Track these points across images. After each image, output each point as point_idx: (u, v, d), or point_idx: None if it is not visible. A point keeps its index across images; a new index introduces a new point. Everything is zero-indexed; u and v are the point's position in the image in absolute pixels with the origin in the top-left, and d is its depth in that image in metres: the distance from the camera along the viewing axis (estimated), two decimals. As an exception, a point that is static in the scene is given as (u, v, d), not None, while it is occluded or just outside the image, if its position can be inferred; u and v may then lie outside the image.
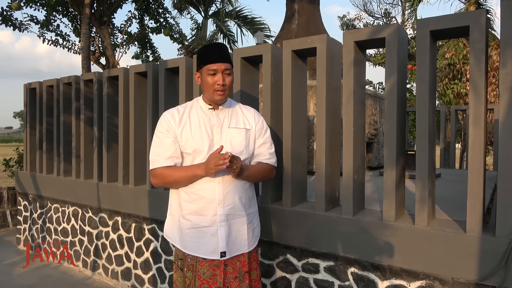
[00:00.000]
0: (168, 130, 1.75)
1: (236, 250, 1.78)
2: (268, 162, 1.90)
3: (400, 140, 2.05)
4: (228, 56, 1.73)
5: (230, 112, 1.84)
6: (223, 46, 1.76)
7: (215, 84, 1.70)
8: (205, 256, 1.72)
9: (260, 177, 1.91)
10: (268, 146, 1.91)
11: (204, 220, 1.73)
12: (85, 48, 5.89)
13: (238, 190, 1.79)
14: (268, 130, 1.93)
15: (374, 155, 4.80)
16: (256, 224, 1.91)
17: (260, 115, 1.95)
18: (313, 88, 4.05)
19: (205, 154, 1.72)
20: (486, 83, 1.78)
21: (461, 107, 7.03)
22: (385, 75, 2.04)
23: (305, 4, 5.01)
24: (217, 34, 11.94)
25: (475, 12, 1.75)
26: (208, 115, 1.80)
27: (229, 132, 1.79)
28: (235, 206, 1.77)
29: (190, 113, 1.80)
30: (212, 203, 1.73)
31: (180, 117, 1.77)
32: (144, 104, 3.29)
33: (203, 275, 1.72)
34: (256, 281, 1.86)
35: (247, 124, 1.85)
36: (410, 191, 2.90)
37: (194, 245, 1.74)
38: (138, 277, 3.26)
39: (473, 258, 1.72)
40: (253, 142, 1.86)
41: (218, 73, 1.70)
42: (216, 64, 1.69)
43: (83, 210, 3.80)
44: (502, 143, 1.68)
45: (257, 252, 1.91)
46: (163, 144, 1.75)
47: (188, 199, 1.76)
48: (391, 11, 23.20)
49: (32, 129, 4.61)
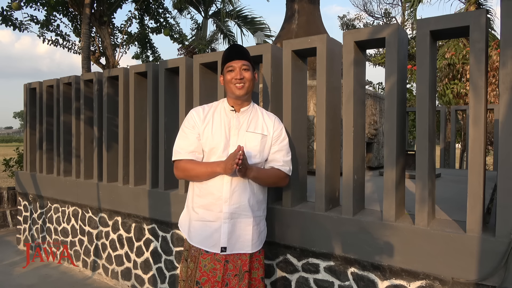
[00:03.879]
0: (194, 126, 1.85)
1: (238, 248, 1.83)
2: (281, 168, 1.94)
3: (400, 140, 2.05)
4: (245, 54, 1.85)
5: (251, 116, 1.91)
6: (240, 46, 1.89)
7: (232, 79, 1.81)
8: (207, 249, 1.81)
9: (270, 182, 1.94)
10: (284, 154, 1.95)
11: (210, 215, 1.82)
12: (85, 48, 5.89)
13: (247, 191, 1.85)
14: (287, 139, 1.98)
15: (374, 155, 4.80)
16: (263, 227, 1.96)
17: (281, 123, 2.00)
18: (313, 88, 4.05)
19: (220, 153, 1.81)
20: (486, 83, 1.78)
21: (461, 107, 7.03)
22: (385, 75, 2.04)
23: (305, 4, 5.01)
24: (217, 34, 11.92)
25: (475, 12, 1.75)
26: (229, 116, 1.89)
27: (245, 135, 1.86)
28: (241, 206, 1.83)
29: (214, 113, 1.90)
30: (219, 200, 1.81)
31: (205, 116, 1.87)
32: (144, 104, 3.29)
33: (204, 267, 1.79)
34: (257, 281, 1.89)
35: (265, 130, 1.91)
36: (410, 191, 2.90)
37: (199, 237, 1.83)
38: (138, 277, 3.26)
39: (473, 258, 1.72)
40: (268, 148, 1.91)
41: (236, 69, 1.81)
42: (233, 61, 1.81)
43: (83, 210, 3.80)
44: (502, 143, 1.68)
45: (260, 253, 1.94)
46: (187, 139, 1.85)
47: (199, 193, 1.86)
48: (391, 11, 23.18)
49: (32, 129, 4.61)
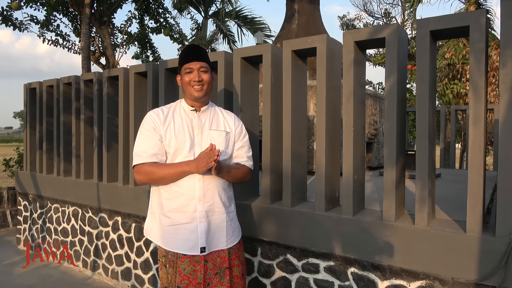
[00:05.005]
0: (154, 128, 1.81)
1: (214, 245, 1.82)
2: (246, 164, 1.99)
3: (400, 140, 2.05)
4: (204, 55, 1.83)
5: (211, 115, 1.92)
6: (198, 46, 1.86)
7: (191, 81, 1.79)
8: (185, 252, 1.77)
9: (237, 178, 1.95)
10: (246, 150, 2.00)
11: (184, 217, 1.79)
12: (85, 48, 5.89)
13: (218, 188, 1.85)
14: (247, 135, 2.02)
15: (374, 155, 4.80)
16: (236, 223, 1.97)
17: (240, 120, 2.03)
18: (313, 88, 4.05)
19: (186, 153, 1.80)
20: (486, 83, 1.78)
21: (461, 107, 7.03)
22: (385, 75, 2.04)
23: (305, 4, 5.01)
24: (217, 34, 11.93)
25: (475, 12, 1.75)
26: (190, 116, 1.87)
27: (210, 133, 1.86)
28: (215, 203, 1.83)
29: (174, 113, 1.87)
30: (193, 200, 1.79)
31: (165, 117, 1.84)
32: (144, 104, 3.29)
33: (183, 271, 1.76)
34: (238, 277, 1.88)
35: (227, 127, 1.93)
36: (410, 191, 2.90)
37: (174, 241, 1.79)
38: (138, 277, 3.26)
39: (473, 258, 1.72)
40: (232, 145, 1.94)
41: (194, 71, 1.79)
42: (191, 63, 1.79)
43: (83, 210, 3.80)
44: (502, 143, 1.68)
45: (239, 249, 1.94)
46: (148, 142, 1.80)
47: (168, 196, 1.81)
48: (391, 11, 23.18)
49: (32, 129, 4.61)
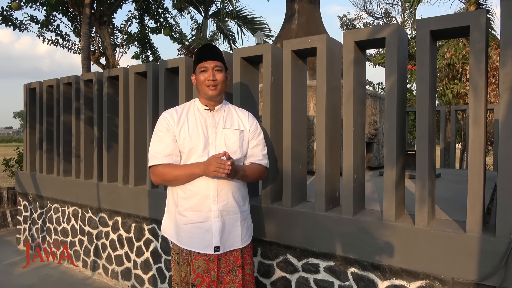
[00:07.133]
0: (168, 129, 1.82)
1: (229, 245, 1.84)
2: (261, 163, 1.98)
3: (400, 140, 2.05)
4: (218, 55, 1.83)
5: (225, 113, 1.91)
6: (213, 46, 1.86)
7: (206, 80, 1.79)
8: (199, 251, 1.79)
9: (253, 178, 1.96)
10: (261, 148, 1.99)
11: (199, 216, 1.80)
12: (85, 48, 5.89)
13: (232, 188, 1.86)
14: (262, 133, 2.01)
15: (374, 155, 4.80)
16: (250, 222, 1.98)
17: (254, 118, 2.02)
18: (313, 88, 4.05)
19: (200, 152, 1.80)
20: (486, 83, 1.78)
21: (461, 107, 7.02)
22: (385, 75, 2.04)
23: (305, 4, 5.00)
24: (217, 34, 11.93)
25: (475, 12, 1.75)
26: (204, 115, 1.87)
27: (224, 132, 1.86)
28: (229, 202, 1.84)
29: (188, 113, 1.88)
30: (207, 199, 1.80)
31: (179, 117, 1.85)
32: (144, 104, 3.29)
33: (197, 269, 1.78)
34: (249, 276, 1.92)
35: (241, 126, 1.92)
36: (410, 191, 2.90)
37: (189, 240, 1.81)
38: (138, 277, 3.26)
39: (473, 258, 1.72)
40: (246, 143, 1.93)
41: (209, 70, 1.80)
42: (206, 62, 1.79)
43: (83, 210, 3.80)
44: (502, 143, 1.68)
45: (251, 248, 1.97)
46: (162, 142, 1.81)
47: (184, 195, 1.83)
48: (391, 11, 23.19)
49: (32, 129, 4.61)
